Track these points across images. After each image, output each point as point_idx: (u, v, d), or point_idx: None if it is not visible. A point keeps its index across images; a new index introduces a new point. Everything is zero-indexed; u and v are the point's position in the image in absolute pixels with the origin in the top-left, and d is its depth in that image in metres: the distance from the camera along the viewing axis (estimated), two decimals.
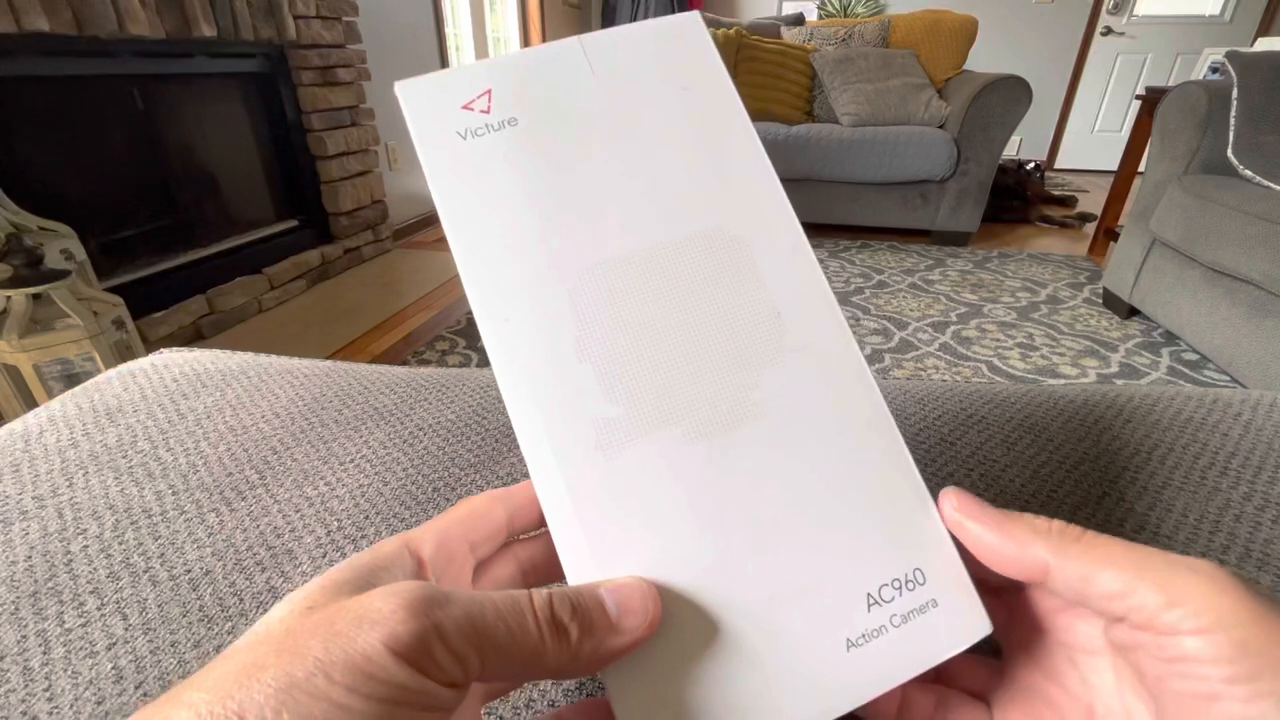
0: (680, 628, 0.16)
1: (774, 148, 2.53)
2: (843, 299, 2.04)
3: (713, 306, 0.18)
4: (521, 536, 0.20)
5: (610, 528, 0.16)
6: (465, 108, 0.19)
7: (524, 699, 0.23)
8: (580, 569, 0.16)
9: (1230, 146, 1.52)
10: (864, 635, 0.16)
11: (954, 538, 0.17)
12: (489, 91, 0.19)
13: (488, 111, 0.19)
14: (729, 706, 0.15)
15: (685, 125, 0.20)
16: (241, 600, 0.27)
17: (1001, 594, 0.19)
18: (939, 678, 0.20)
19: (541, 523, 0.18)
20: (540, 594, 0.14)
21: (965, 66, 2.82)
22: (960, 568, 0.17)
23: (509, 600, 0.14)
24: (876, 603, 0.17)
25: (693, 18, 0.21)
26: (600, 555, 0.16)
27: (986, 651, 0.18)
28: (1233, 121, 1.52)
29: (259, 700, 0.11)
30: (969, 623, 0.17)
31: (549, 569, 0.19)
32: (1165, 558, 0.14)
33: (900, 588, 0.17)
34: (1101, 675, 0.16)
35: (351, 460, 0.35)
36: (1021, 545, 0.15)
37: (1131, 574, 0.14)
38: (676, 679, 0.16)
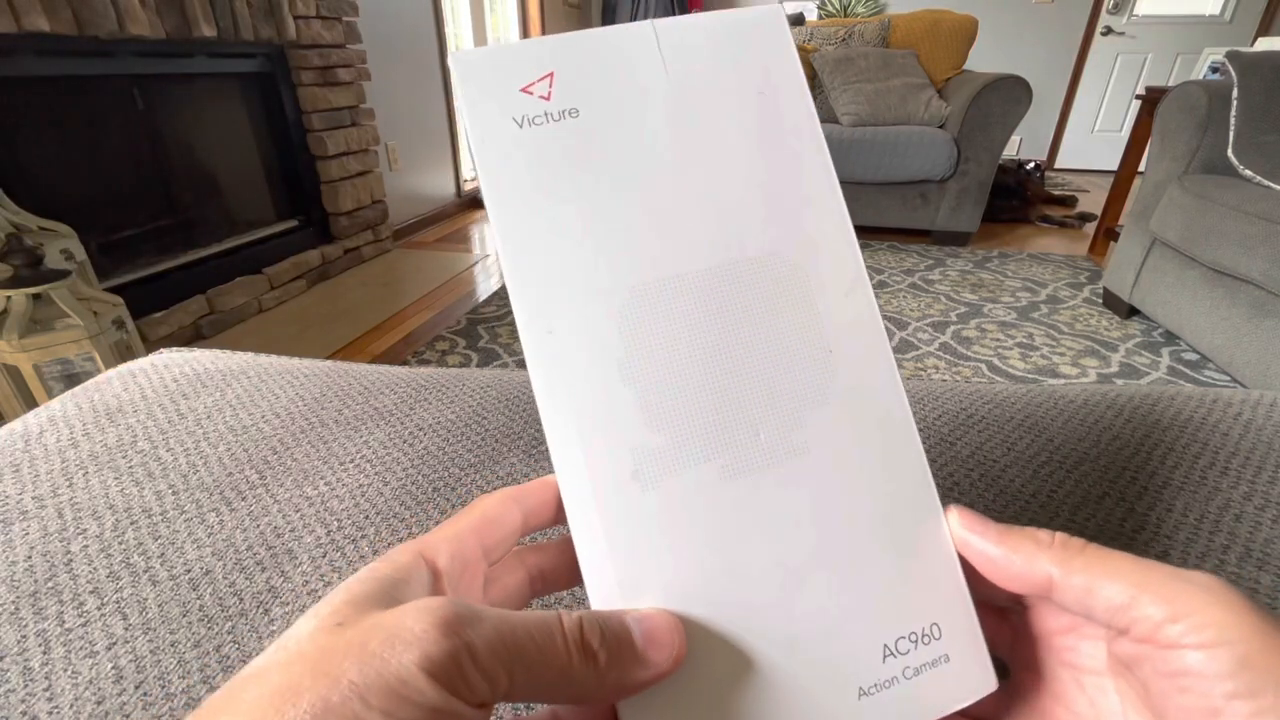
0: (698, 664, 0.16)
1: None
2: None
3: (765, 337, 0.17)
4: (532, 542, 0.20)
5: (639, 558, 0.16)
6: (524, 90, 0.17)
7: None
8: (606, 595, 0.16)
9: (1230, 146, 1.52)
10: (876, 685, 0.16)
11: (962, 560, 0.17)
12: (551, 75, 0.17)
13: (548, 98, 0.17)
14: None
15: (755, 135, 0.18)
16: (241, 600, 0.27)
17: (1007, 615, 0.19)
18: None
19: (556, 520, 0.18)
20: (570, 617, 0.14)
21: (965, 66, 2.82)
22: (974, 623, 0.17)
23: (539, 620, 0.14)
24: (892, 654, 0.17)
25: (775, 11, 0.19)
26: (627, 584, 0.16)
27: (995, 673, 0.18)
28: (1233, 121, 1.52)
29: None
30: (976, 679, 0.17)
31: (557, 577, 0.19)
32: (1169, 571, 0.14)
33: (916, 641, 0.17)
34: (1107, 697, 0.16)
35: (351, 460, 0.35)
36: (1026, 559, 0.15)
37: (1135, 587, 0.14)
38: (690, 716, 0.16)
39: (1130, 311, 1.87)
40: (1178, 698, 0.13)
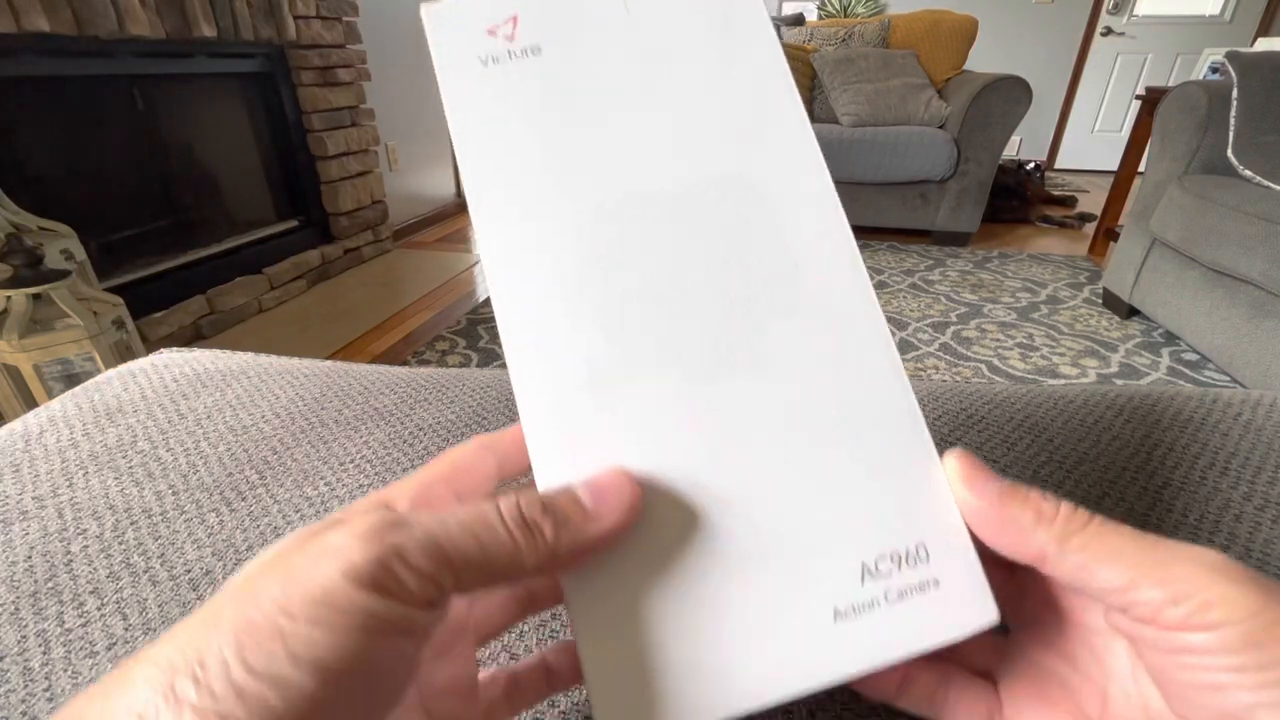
0: (656, 569, 0.15)
1: None
2: None
3: (727, 252, 0.17)
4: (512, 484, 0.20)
5: (594, 467, 0.16)
6: (489, 32, 0.18)
7: None
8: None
9: (1230, 146, 1.52)
10: (854, 607, 0.15)
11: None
12: (515, 17, 0.18)
13: (511, 38, 0.18)
14: (695, 661, 0.15)
15: (718, 64, 0.19)
16: None
17: (1012, 568, 0.18)
18: (942, 653, 0.19)
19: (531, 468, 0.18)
20: (507, 500, 0.14)
21: (965, 66, 2.82)
22: (970, 549, 0.16)
23: (474, 513, 0.14)
24: (872, 574, 0.16)
25: None
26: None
27: (994, 629, 0.17)
28: (1233, 121, 1.52)
29: (217, 645, 0.11)
30: (973, 609, 0.16)
31: None
32: (1170, 550, 0.13)
33: (900, 561, 0.16)
34: (1116, 657, 0.15)
35: (351, 460, 0.35)
36: (1023, 532, 0.15)
37: (1133, 570, 0.13)
38: (645, 620, 0.15)
39: (1130, 312, 1.87)
40: (1178, 674, 0.13)
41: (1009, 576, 0.18)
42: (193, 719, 0.10)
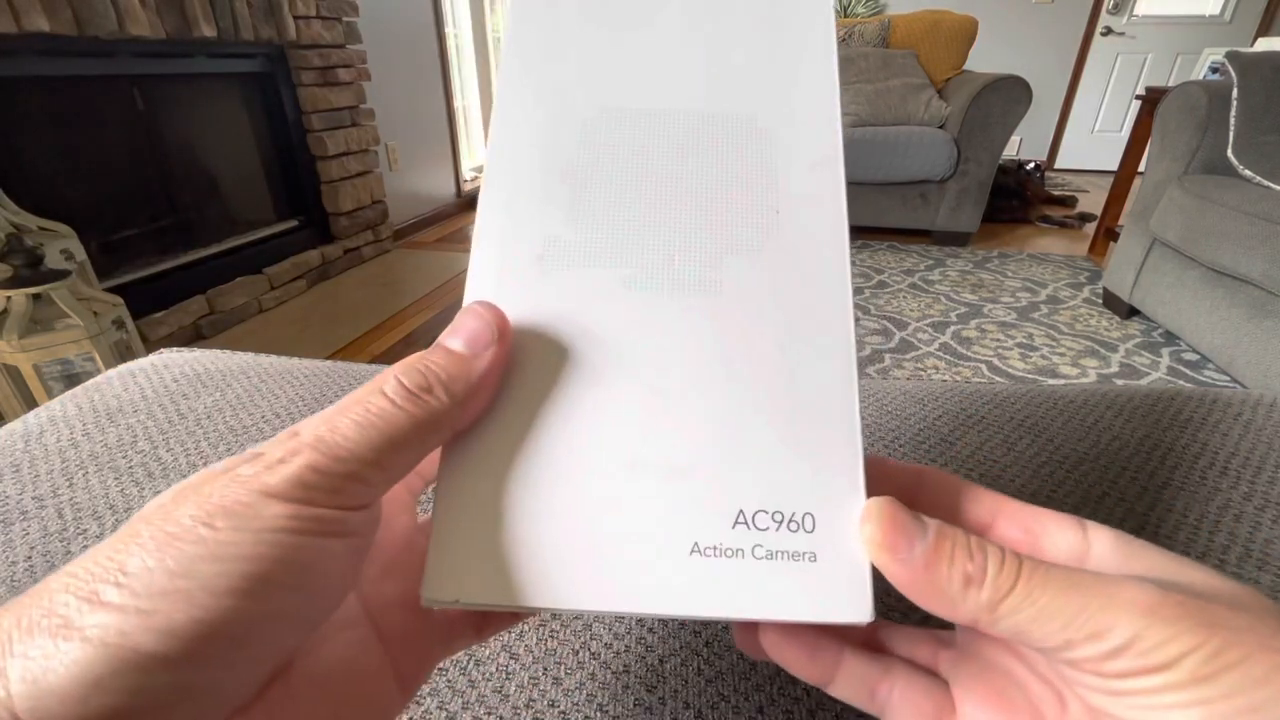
0: (530, 449, 0.15)
1: None
2: None
3: (714, 184, 0.18)
4: None
5: (520, 331, 0.16)
6: None
7: (524, 699, 0.23)
8: None
9: (1230, 146, 1.52)
10: (714, 549, 0.15)
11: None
12: None
13: None
14: (535, 548, 0.15)
15: (767, 13, 0.19)
16: None
17: None
18: (877, 644, 0.18)
19: None
20: (387, 381, 0.14)
21: (965, 66, 2.81)
22: (860, 544, 0.15)
23: (362, 408, 0.13)
24: (745, 524, 0.15)
25: None
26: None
27: (936, 623, 0.15)
28: (1233, 121, 1.52)
29: (139, 555, 0.11)
30: (845, 599, 0.15)
31: None
32: (1105, 596, 0.13)
33: (781, 523, 0.15)
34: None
35: None
36: (951, 601, 0.14)
37: (1068, 629, 0.13)
38: (501, 495, 0.15)
39: (1130, 312, 1.87)
40: (1125, 713, 0.13)
41: None
42: (118, 617, 0.10)
